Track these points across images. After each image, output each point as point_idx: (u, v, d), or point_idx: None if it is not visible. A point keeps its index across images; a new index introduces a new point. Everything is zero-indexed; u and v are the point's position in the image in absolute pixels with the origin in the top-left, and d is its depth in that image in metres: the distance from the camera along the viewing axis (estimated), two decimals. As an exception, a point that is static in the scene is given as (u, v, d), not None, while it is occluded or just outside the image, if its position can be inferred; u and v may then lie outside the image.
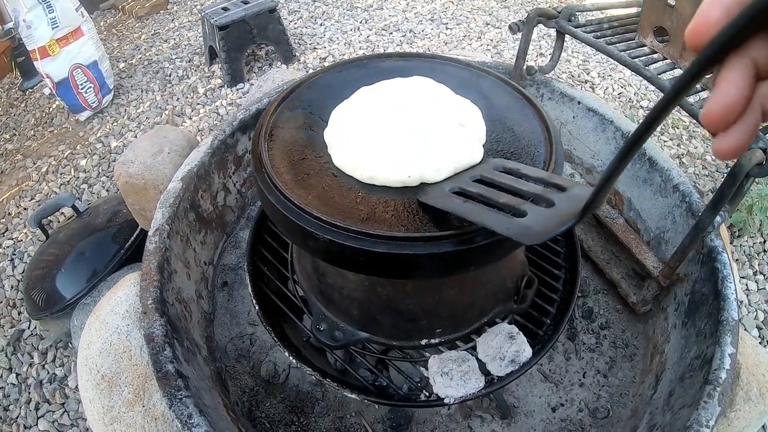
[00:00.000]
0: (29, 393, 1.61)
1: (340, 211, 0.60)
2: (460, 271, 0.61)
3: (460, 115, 0.72)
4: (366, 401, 0.83)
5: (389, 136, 0.67)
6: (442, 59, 0.87)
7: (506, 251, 0.64)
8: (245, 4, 2.64)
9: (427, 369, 0.83)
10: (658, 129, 2.35)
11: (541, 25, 1.30)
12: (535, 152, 0.69)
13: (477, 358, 0.82)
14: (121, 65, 3.02)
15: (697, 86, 0.98)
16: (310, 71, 2.73)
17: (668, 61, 1.16)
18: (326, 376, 0.83)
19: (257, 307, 0.93)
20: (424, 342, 0.83)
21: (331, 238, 0.56)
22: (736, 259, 1.87)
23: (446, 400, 0.79)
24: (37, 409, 1.57)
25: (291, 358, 0.85)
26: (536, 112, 0.75)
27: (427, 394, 0.82)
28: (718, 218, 0.90)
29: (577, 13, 1.29)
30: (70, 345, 1.69)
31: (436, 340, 0.83)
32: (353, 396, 0.81)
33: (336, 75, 0.83)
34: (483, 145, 0.70)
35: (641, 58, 1.16)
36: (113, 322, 1.00)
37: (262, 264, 1.03)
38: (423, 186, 0.65)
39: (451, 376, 0.79)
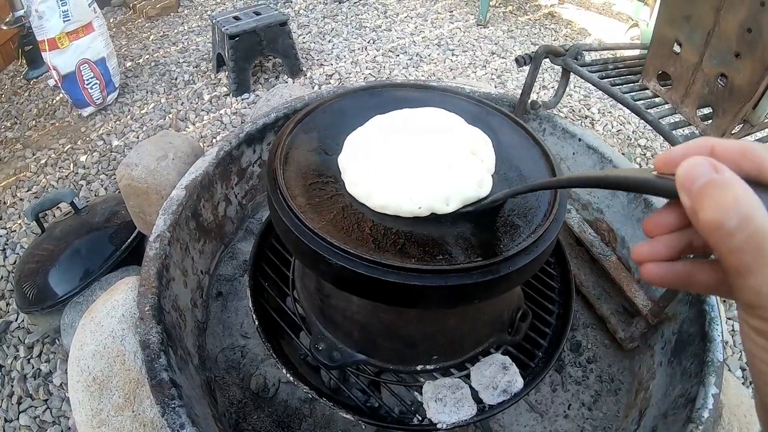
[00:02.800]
0: (12, 386, 1.59)
1: (353, 238, 0.62)
2: (465, 304, 0.63)
3: (472, 142, 0.74)
4: (360, 422, 0.84)
5: (402, 165, 0.69)
6: (454, 93, 0.90)
7: (510, 286, 0.66)
8: (257, 15, 2.68)
9: (420, 393, 0.84)
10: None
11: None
12: (540, 193, 0.71)
13: (470, 386, 0.84)
14: (128, 64, 3.04)
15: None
16: (317, 87, 2.78)
17: (669, 105, 1.20)
18: (322, 395, 0.84)
19: (257, 323, 0.94)
20: (419, 367, 0.85)
21: (344, 264, 0.58)
22: (724, 300, 1.90)
23: (439, 426, 0.80)
24: (19, 403, 1.55)
25: (288, 375, 0.86)
26: (542, 152, 0.78)
27: (420, 418, 0.83)
28: (708, 261, 0.93)
29: (584, 52, 1.33)
30: (57, 341, 1.68)
31: (432, 367, 0.85)
32: (348, 416, 0.82)
33: (351, 101, 0.86)
34: (492, 176, 0.72)
35: (643, 101, 1.19)
36: (109, 325, 1.00)
37: (263, 279, 1.04)
38: (433, 215, 0.67)
39: (444, 402, 0.80)
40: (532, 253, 0.62)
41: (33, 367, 1.64)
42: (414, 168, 0.68)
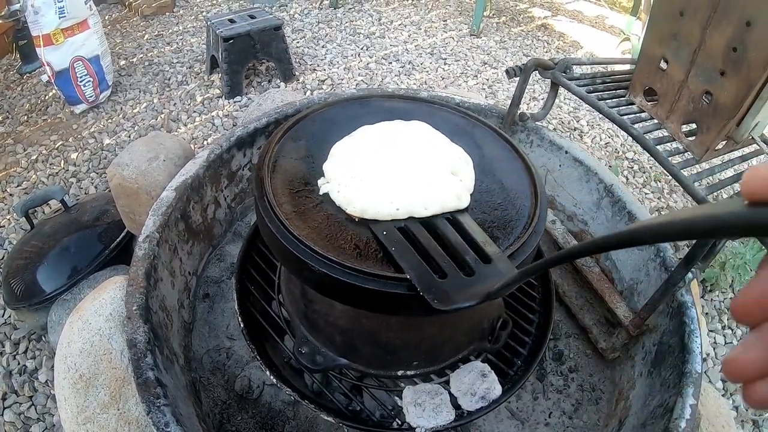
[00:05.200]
0: (-4, 382, 1.59)
1: (335, 246, 0.64)
2: (442, 313, 0.64)
3: (453, 163, 0.76)
4: (342, 425, 0.85)
5: (383, 176, 0.71)
6: (442, 105, 0.91)
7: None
8: (252, 18, 2.69)
9: (401, 398, 0.86)
10: (640, 181, 2.43)
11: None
12: (520, 206, 0.73)
13: (449, 392, 0.86)
14: (122, 62, 3.03)
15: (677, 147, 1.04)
16: (309, 93, 2.79)
17: (655, 121, 1.22)
18: (304, 397, 0.86)
19: (242, 325, 0.95)
20: (400, 373, 0.87)
21: (326, 271, 0.60)
22: (706, 313, 1.93)
23: (417, 430, 0.82)
24: (4, 399, 1.55)
25: (272, 377, 0.87)
26: (525, 166, 0.80)
27: (400, 422, 0.85)
28: (689, 275, 0.95)
29: (573, 66, 1.35)
30: (43, 338, 1.68)
31: (412, 372, 0.87)
32: (329, 419, 0.84)
33: (339, 110, 0.87)
34: (471, 195, 0.74)
35: (629, 116, 1.21)
36: (96, 323, 1.01)
37: (249, 282, 1.05)
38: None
39: (423, 407, 0.82)
40: (509, 265, 0.64)
41: (19, 364, 1.63)
42: (395, 178, 0.70)
